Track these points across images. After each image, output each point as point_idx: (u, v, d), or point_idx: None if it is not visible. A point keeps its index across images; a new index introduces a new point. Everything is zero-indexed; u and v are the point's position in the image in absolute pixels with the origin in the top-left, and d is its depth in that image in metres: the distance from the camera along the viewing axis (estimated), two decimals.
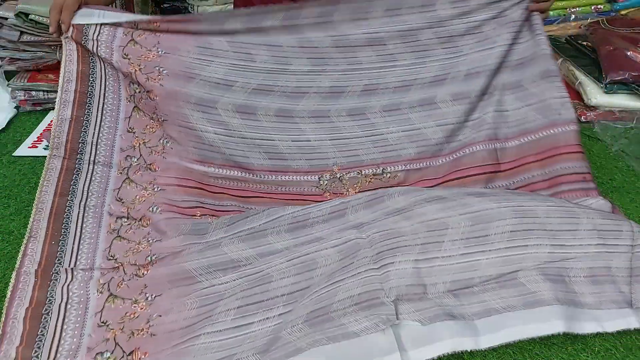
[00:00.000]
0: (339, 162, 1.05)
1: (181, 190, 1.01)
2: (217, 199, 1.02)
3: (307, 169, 1.05)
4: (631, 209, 1.06)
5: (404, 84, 1.10)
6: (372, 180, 1.05)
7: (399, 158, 1.06)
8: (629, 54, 1.39)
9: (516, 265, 0.83)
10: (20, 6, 1.29)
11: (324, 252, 0.85)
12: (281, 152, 1.05)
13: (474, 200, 0.89)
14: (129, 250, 0.91)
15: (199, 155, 1.02)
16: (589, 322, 0.78)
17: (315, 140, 1.06)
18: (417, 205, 0.90)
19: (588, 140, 1.29)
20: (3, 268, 0.91)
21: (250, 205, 1.02)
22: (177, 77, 1.03)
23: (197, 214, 0.99)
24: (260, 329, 0.77)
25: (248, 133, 1.04)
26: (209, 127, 1.02)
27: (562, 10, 1.65)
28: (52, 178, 0.96)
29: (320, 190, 1.04)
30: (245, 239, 0.91)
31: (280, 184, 1.03)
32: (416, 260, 0.83)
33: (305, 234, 0.92)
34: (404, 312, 0.77)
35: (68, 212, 0.93)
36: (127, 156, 1.03)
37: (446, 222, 0.86)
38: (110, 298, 0.82)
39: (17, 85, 1.35)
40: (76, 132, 1.01)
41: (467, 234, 0.85)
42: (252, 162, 1.03)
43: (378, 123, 1.08)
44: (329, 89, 1.10)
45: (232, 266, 0.87)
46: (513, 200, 0.89)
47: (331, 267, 0.83)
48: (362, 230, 0.89)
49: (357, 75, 1.10)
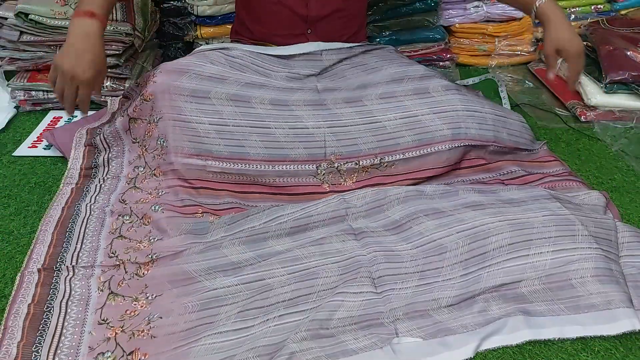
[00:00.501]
0: (337, 151, 1.04)
1: (182, 191, 1.01)
2: (217, 197, 1.01)
3: (305, 158, 1.04)
4: (631, 209, 1.06)
5: (397, 76, 1.14)
6: (369, 171, 1.05)
7: (397, 147, 1.06)
8: (629, 54, 1.39)
9: (518, 276, 0.83)
10: (20, 6, 1.29)
11: (325, 266, 0.85)
12: (278, 140, 1.03)
13: (470, 214, 0.90)
14: (129, 249, 0.91)
15: (194, 150, 1.02)
16: (592, 326, 0.78)
17: (312, 127, 1.05)
18: (415, 221, 0.92)
19: (588, 140, 1.28)
20: (3, 268, 0.91)
21: (249, 201, 1.02)
22: (169, 73, 1.05)
23: (199, 212, 0.99)
24: (261, 330, 0.77)
25: (243, 121, 1.04)
26: (204, 118, 1.03)
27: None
28: (62, 200, 1.01)
29: (318, 180, 1.04)
30: (246, 241, 0.91)
31: (279, 175, 1.02)
32: (417, 285, 0.83)
33: (305, 237, 0.92)
34: (404, 330, 0.78)
35: (74, 218, 0.96)
36: (134, 167, 1.05)
37: (444, 244, 0.87)
38: (111, 296, 0.82)
39: (17, 85, 1.35)
40: (88, 160, 1.10)
41: (466, 254, 0.85)
42: (248, 151, 1.02)
43: (375, 110, 1.08)
44: (323, 87, 1.12)
45: (233, 268, 0.86)
46: (508, 213, 0.90)
47: (332, 279, 0.83)
48: (362, 241, 0.90)
49: (350, 81, 1.14)
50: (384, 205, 0.97)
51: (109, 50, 1.32)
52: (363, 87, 1.12)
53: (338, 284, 0.82)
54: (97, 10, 0.99)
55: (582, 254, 0.84)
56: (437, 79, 1.14)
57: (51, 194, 1.08)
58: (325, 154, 1.04)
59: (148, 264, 0.87)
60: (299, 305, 0.80)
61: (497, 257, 0.84)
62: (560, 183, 1.08)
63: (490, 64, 1.64)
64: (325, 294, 0.81)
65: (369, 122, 1.07)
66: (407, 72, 1.14)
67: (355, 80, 1.14)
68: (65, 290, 0.82)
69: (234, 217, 0.97)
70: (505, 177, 1.09)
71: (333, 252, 0.88)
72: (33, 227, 0.99)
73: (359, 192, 1.00)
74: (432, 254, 0.86)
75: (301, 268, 0.85)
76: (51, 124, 1.31)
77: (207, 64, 1.08)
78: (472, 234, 0.87)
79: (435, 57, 1.61)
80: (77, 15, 0.99)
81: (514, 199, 0.96)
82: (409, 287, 0.83)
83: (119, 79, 1.37)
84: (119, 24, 1.34)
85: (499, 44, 1.62)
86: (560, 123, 1.35)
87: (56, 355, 0.73)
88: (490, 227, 0.87)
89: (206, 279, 0.85)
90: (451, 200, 0.96)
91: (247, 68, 1.12)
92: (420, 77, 1.13)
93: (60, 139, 1.19)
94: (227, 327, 0.78)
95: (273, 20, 1.19)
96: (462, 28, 1.62)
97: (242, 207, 1.01)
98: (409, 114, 1.07)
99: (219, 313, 0.80)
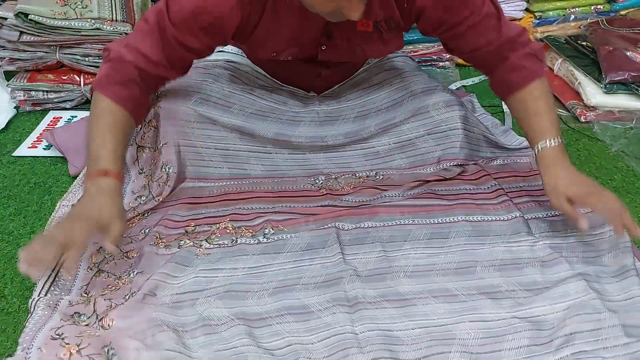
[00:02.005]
0: (333, 171, 1.08)
1: (177, 207, 0.97)
2: (212, 207, 0.99)
3: (303, 175, 1.07)
4: (631, 209, 1.06)
5: (398, 95, 1.12)
6: (366, 181, 1.06)
7: (390, 167, 1.09)
8: (629, 54, 1.39)
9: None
10: (20, 6, 1.29)
11: (309, 346, 0.75)
12: (277, 163, 1.07)
13: (485, 304, 0.81)
14: (106, 289, 0.84)
15: (194, 173, 1.02)
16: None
17: (310, 153, 1.09)
18: (421, 299, 0.82)
19: (588, 141, 1.28)
20: (3, 268, 0.91)
21: (248, 205, 1.00)
22: (175, 98, 1.02)
23: (191, 225, 0.95)
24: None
25: (245, 146, 1.06)
26: (210, 143, 1.03)
27: (562, 10, 1.65)
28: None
29: (316, 187, 1.05)
30: (223, 296, 0.81)
31: (277, 185, 1.05)
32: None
33: (290, 298, 0.82)
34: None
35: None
36: (137, 197, 1.02)
37: (453, 331, 0.77)
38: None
39: (16, 85, 1.35)
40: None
41: (477, 347, 0.75)
42: (249, 173, 1.05)
43: (371, 137, 1.11)
44: (324, 114, 1.12)
45: (203, 325, 0.77)
46: (528, 306, 0.81)
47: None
48: (356, 314, 0.79)
49: (350, 103, 1.14)
50: (388, 274, 0.86)
51: None
52: (362, 118, 1.12)
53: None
54: (111, 167, 0.84)
55: (605, 356, 0.74)
56: (440, 92, 1.10)
57: (51, 194, 1.08)
58: (322, 171, 1.08)
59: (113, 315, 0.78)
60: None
61: (513, 358, 0.75)
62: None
63: None
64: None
65: (363, 149, 1.11)
66: (409, 87, 1.12)
67: (355, 102, 1.14)
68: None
69: (222, 257, 0.89)
70: (512, 193, 1.03)
71: (321, 327, 0.78)
72: (33, 227, 1.00)
73: (362, 257, 0.89)
74: (438, 339, 0.76)
75: (280, 345, 0.76)
76: (51, 124, 1.31)
77: (212, 84, 1.06)
78: (485, 328, 0.78)
79: (434, 57, 1.61)
80: (89, 177, 0.84)
81: (537, 281, 0.85)
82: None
83: None
84: (119, 24, 1.34)
85: None
86: (560, 123, 1.35)
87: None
88: (506, 322, 0.78)
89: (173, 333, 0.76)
90: (466, 280, 0.85)
91: (253, 83, 1.11)
92: (422, 91, 1.10)
93: (60, 139, 1.19)
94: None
95: (284, 68, 1.13)
96: None
97: (241, 214, 0.98)
98: (404, 139, 1.10)
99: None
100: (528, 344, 0.75)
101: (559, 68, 1.49)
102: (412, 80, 1.13)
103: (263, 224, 0.95)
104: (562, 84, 1.47)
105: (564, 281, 0.83)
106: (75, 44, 1.33)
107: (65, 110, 1.38)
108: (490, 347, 0.76)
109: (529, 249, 0.90)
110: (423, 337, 0.76)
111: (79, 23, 1.32)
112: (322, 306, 0.81)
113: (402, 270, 0.87)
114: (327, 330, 0.77)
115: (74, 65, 1.35)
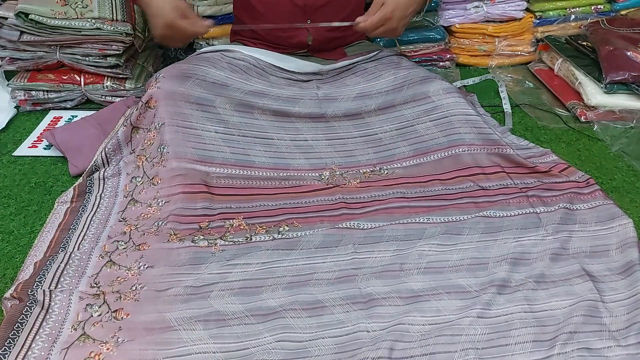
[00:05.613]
0: (337, 162, 1.07)
1: (187, 198, 0.96)
2: (224, 202, 0.98)
3: (308, 168, 1.06)
4: (631, 209, 1.06)
5: (397, 82, 1.14)
6: (371, 176, 1.06)
7: (394, 157, 1.08)
8: (629, 54, 1.38)
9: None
10: (20, 6, 1.29)
11: (320, 341, 0.76)
12: (280, 150, 1.06)
13: (495, 299, 0.82)
14: (115, 281, 0.84)
15: (198, 156, 1.01)
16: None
17: (312, 140, 1.08)
18: (434, 296, 0.83)
19: (588, 141, 1.28)
20: (3, 268, 0.91)
21: (259, 202, 0.99)
22: (173, 79, 1.04)
23: (204, 221, 0.94)
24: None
25: (247, 131, 1.06)
26: (209, 126, 1.03)
27: (562, 10, 1.65)
28: (56, 220, 0.97)
29: (322, 183, 1.05)
30: (238, 292, 0.82)
31: (284, 179, 1.04)
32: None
33: (304, 292, 0.83)
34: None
35: (65, 241, 0.91)
36: (132, 178, 1.02)
37: (461, 326, 0.78)
38: (82, 337, 0.75)
39: (17, 85, 1.35)
40: (84, 180, 1.05)
41: (483, 342, 0.77)
42: (253, 160, 1.04)
43: (373, 122, 1.11)
44: (323, 94, 1.13)
45: (216, 319, 0.78)
46: (535, 301, 0.82)
47: (325, 359, 0.75)
48: (370, 310, 0.80)
49: (350, 88, 1.15)
50: (401, 272, 0.87)
51: (109, 50, 1.32)
52: (362, 98, 1.13)
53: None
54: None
55: (609, 355, 0.75)
56: (439, 81, 1.14)
57: (51, 194, 1.08)
58: (325, 164, 1.07)
59: (129, 302, 0.80)
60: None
61: (518, 353, 0.76)
62: (582, 196, 1.03)
63: (490, 64, 1.63)
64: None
65: (365, 135, 1.11)
66: (407, 76, 1.14)
67: (355, 87, 1.15)
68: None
69: (237, 254, 0.90)
70: (525, 188, 1.05)
71: (333, 323, 0.79)
72: (33, 227, 1.00)
73: (377, 255, 0.90)
74: (445, 334, 0.77)
75: (292, 338, 0.76)
76: (51, 124, 1.31)
77: (209, 67, 1.08)
78: (493, 323, 0.79)
79: (435, 57, 1.61)
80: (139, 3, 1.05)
81: (545, 275, 0.87)
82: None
83: (119, 79, 1.36)
84: (119, 24, 1.34)
85: (499, 44, 1.62)
86: (560, 123, 1.35)
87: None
88: (514, 317, 0.80)
89: (184, 328, 0.77)
90: (478, 277, 0.87)
91: (249, 70, 1.12)
92: (421, 80, 1.13)
93: (60, 138, 1.19)
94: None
95: (272, 13, 1.18)
96: (462, 28, 1.62)
97: (251, 213, 0.97)
98: (405, 124, 1.10)
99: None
100: (533, 339, 0.77)
101: (559, 68, 1.49)
102: (412, 71, 1.16)
103: (278, 222, 0.96)
104: (562, 83, 1.47)
105: (570, 280, 0.86)
106: (76, 43, 1.33)
107: (66, 110, 1.37)
108: (496, 342, 0.77)
109: (539, 243, 0.92)
110: (433, 332, 0.77)
111: (80, 23, 1.32)
112: (336, 302, 0.82)
113: (415, 267, 0.88)
114: (339, 327, 0.78)
115: (74, 65, 1.35)
